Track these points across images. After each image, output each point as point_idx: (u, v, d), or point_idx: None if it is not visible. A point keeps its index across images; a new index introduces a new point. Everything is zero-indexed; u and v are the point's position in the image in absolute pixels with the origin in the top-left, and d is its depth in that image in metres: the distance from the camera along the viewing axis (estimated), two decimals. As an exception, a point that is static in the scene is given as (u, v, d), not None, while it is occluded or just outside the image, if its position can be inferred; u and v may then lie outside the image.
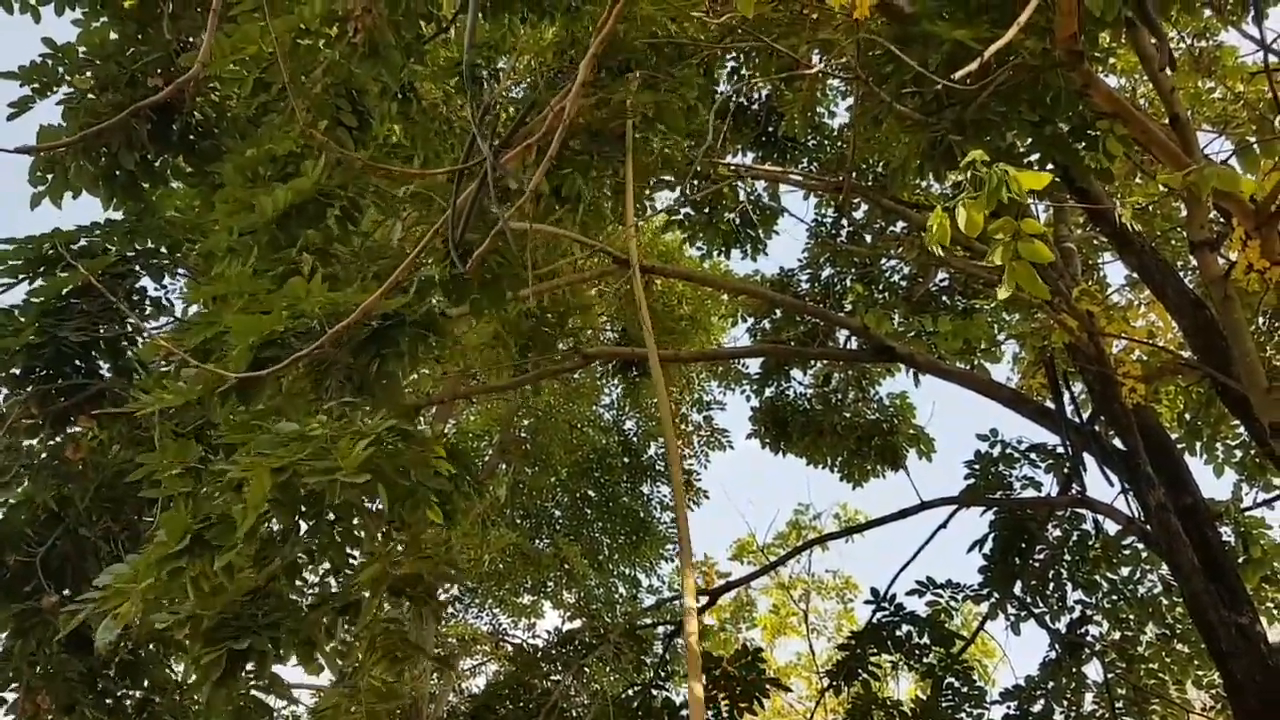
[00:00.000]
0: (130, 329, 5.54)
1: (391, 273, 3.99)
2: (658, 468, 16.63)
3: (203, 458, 4.15)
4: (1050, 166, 5.81)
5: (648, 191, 9.08)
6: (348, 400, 3.82)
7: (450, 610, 17.39)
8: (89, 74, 6.00)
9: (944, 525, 9.54)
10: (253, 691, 3.97)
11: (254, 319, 3.61)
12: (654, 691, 9.16)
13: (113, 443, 5.82)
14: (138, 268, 5.80)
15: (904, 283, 11.98)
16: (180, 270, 5.95)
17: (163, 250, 5.92)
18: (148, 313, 5.79)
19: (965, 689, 9.22)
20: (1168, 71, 5.71)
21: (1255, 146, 5.09)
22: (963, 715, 9.12)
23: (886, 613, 9.56)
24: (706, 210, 10.58)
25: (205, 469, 4.02)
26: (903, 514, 9.33)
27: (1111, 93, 5.00)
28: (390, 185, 4.56)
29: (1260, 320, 8.24)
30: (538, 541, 16.50)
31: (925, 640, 9.37)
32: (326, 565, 4.37)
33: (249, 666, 3.67)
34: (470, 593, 17.04)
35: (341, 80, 5.03)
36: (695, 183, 8.69)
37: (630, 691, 9.31)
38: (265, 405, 3.88)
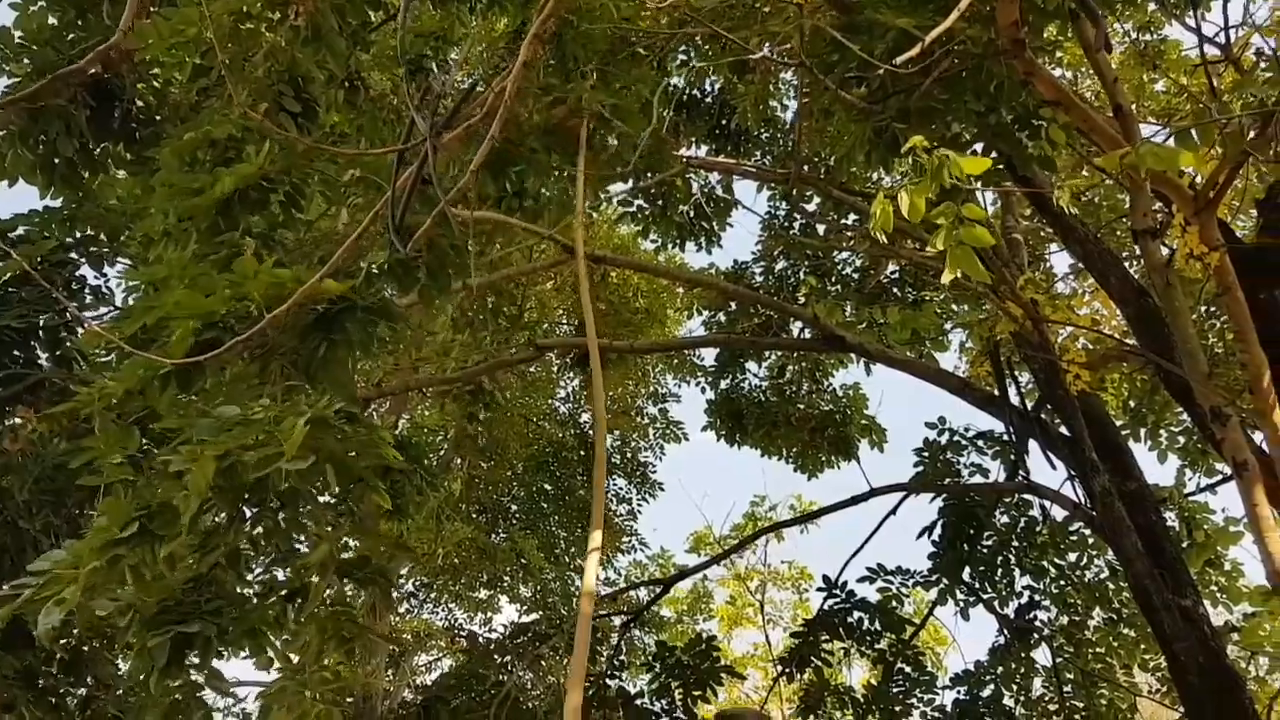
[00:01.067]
0: (70, 318, 5.43)
1: (336, 262, 3.95)
2: (613, 460, 16.63)
3: (145, 448, 4.08)
4: (994, 156, 5.89)
5: (602, 185, 9.09)
6: (293, 384, 3.77)
7: (405, 606, 17.28)
8: (26, 60, 5.88)
9: (893, 512, 9.66)
10: (194, 678, 3.91)
11: (195, 298, 3.55)
12: (608, 681, 9.17)
13: (53, 435, 5.71)
14: (76, 256, 5.69)
15: (855, 275, 12.10)
16: (120, 259, 5.85)
17: (102, 238, 5.81)
18: (87, 301, 5.69)
19: (916, 674, 9.35)
20: (1105, 54, 5.80)
21: (1194, 134, 5.18)
22: (913, 700, 9.24)
23: (838, 600, 9.66)
24: (660, 202, 10.61)
25: (147, 459, 3.96)
26: (854, 500, 9.42)
27: (1054, 81, 5.07)
28: (336, 172, 4.50)
29: (1201, 308, 8.41)
30: (494, 536, 16.42)
31: (876, 626, 9.48)
32: (272, 554, 4.33)
33: (193, 656, 3.62)
34: (425, 588, 16.94)
35: (284, 66, 4.96)
36: (649, 174, 8.68)
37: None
38: (208, 391, 3.83)
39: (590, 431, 16.77)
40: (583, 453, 16.43)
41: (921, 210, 4.07)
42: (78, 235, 5.82)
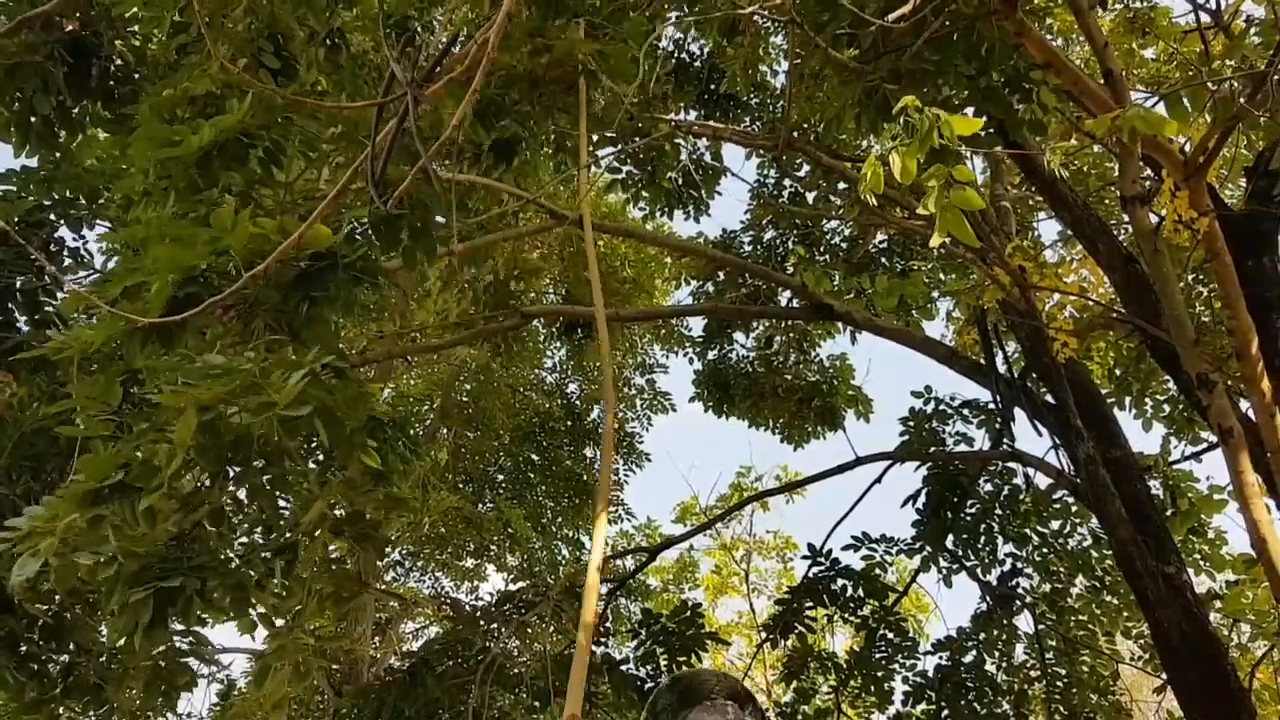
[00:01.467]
0: (49, 280, 5.35)
1: (318, 216, 3.88)
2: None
3: (125, 408, 4.03)
4: (984, 120, 5.85)
5: (590, 148, 9.01)
6: (276, 339, 3.72)
7: (391, 574, 17.29)
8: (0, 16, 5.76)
9: (878, 480, 9.69)
10: (178, 643, 3.88)
11: (175, 252, 3.49)
12: (594, 648, 9.19)
13: (33, 399, 5.64)
14: (55, 217, 5.59)
15: (844, 244, 12.08)
16: (99, 222, 5.76)
17: (81, 200, 5.71)
18: (66, 264, 5.60)
19: (898, 640, 9.40)
20: (1096, 19, 5.76)
21: (1184, 99, 5.15)
22: (895, 666, 9.30)
23: (823, 568, 9.69)
24: (649, 169, 10.53)
25: (127, 418, 3.91)
26: (840, 469, 9.42)
27: (1045, 42, 5.03)
28: (317, 128, 4.43)
29: (1189, 277, 8.41)
30: (480, 505, 16.43)
31: (860, 594, 9.52)
32: (257, 514, 4.29)
33: (177, 620, 3.58)
34: (412, 556, 16.95)
35: (264, 22, 4.88)
36: (637, 138, 8.61)
37: (570, 649, 9.33)
38: (188, 348, 3.77)
39: (577, 403, 16.77)
40: (569, 423, 16.42)
41: (912, 172, 4.03)
42: (55, 196, 5.71)
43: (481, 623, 9.56)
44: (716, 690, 2.56)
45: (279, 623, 3.99)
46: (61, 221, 5.66)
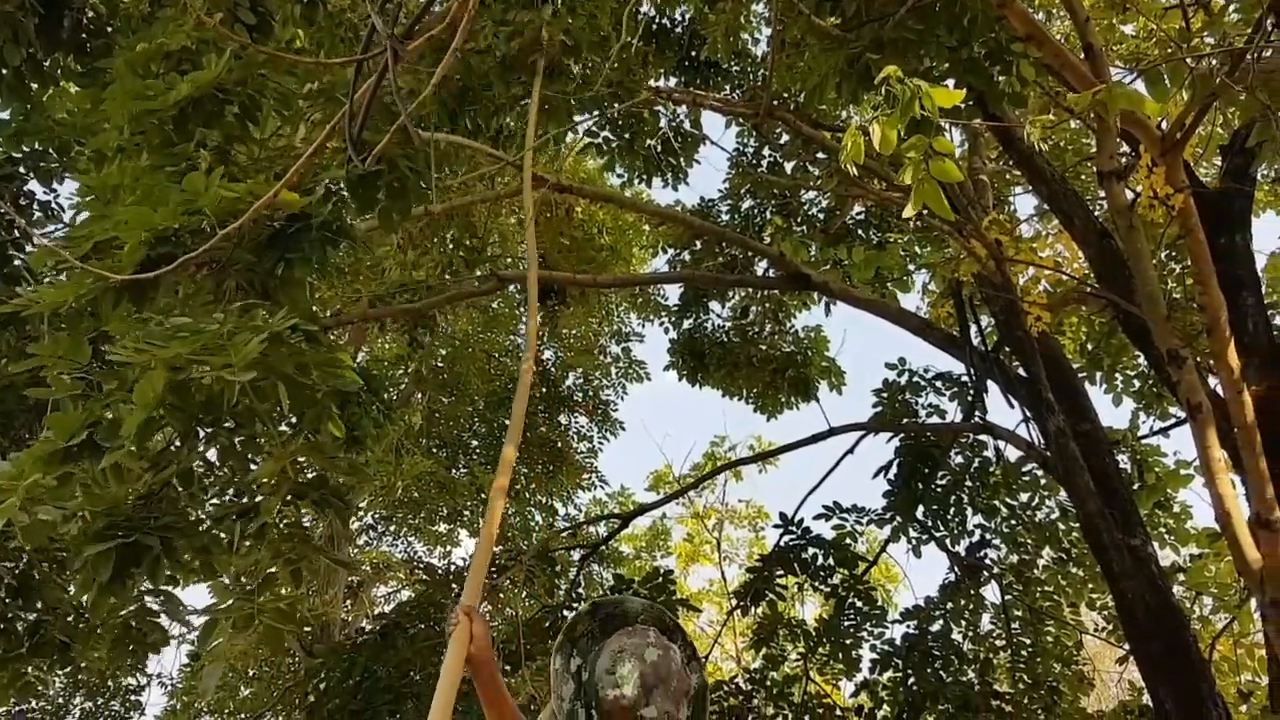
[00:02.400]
0: (18, 233, 5.26)
1: (295, 175, 3.84)
2: (575, 398, 16.64)
3: (95, 366, 3.98)
4: (965, 92, 5.84)
5: (567, 116, 8.94)
6: (249, 302, 3.69)
7: (364, 538, 17.28)
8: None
9: (851, 451, 9.74)
10: (149, 603, 3.87)
11: (147, 211, 3.44)
12: (565, 614, 9.24)
13: (1, 355, 5.57)
14: (24, 170, 5.49)
15: (821, 215, 12.08)
16: (70, 176, 5.66)
17: (51, 153, 5.61)
18: (35, 218, 5.51)
19: (867, 609, 9.50)
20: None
21: (1164, 76, 5.16)
22: (864, 634, 9.41)
23: (794, 537, 9.76)
24: (627, 135, 10.47)
25: (97, 376, 3.87)
26: (813, 439, 9.48)
27: (1027, 15, 5.01)
28: (294, 85, 4.37)
29: (1162, 254, 8.48)
30: (454, 470, 16.40)
31: (830, 563, 9.61)
32: (226, 476, 4.26)
33: (141, 578, 3.56)
34: (385, 520, 16.94)
35: (241, -25, 4.78)
36: (615, 104, 8.54)
37: (542, 613, 9.39)
38: (160, 307, 3.73)
39: (552, 369, 16.73)
40: (544, 389, 16.39)
41: (893, 142, 4.03)
42: (25, 150, 5.61)
43: (454, 586, 9.58)
44: (642, 618, 2.51)
45: (234, 584, 3.97)
46: (32, 175, 5.55)
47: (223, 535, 3.86)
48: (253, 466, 4.11)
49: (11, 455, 3.44)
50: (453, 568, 10.82)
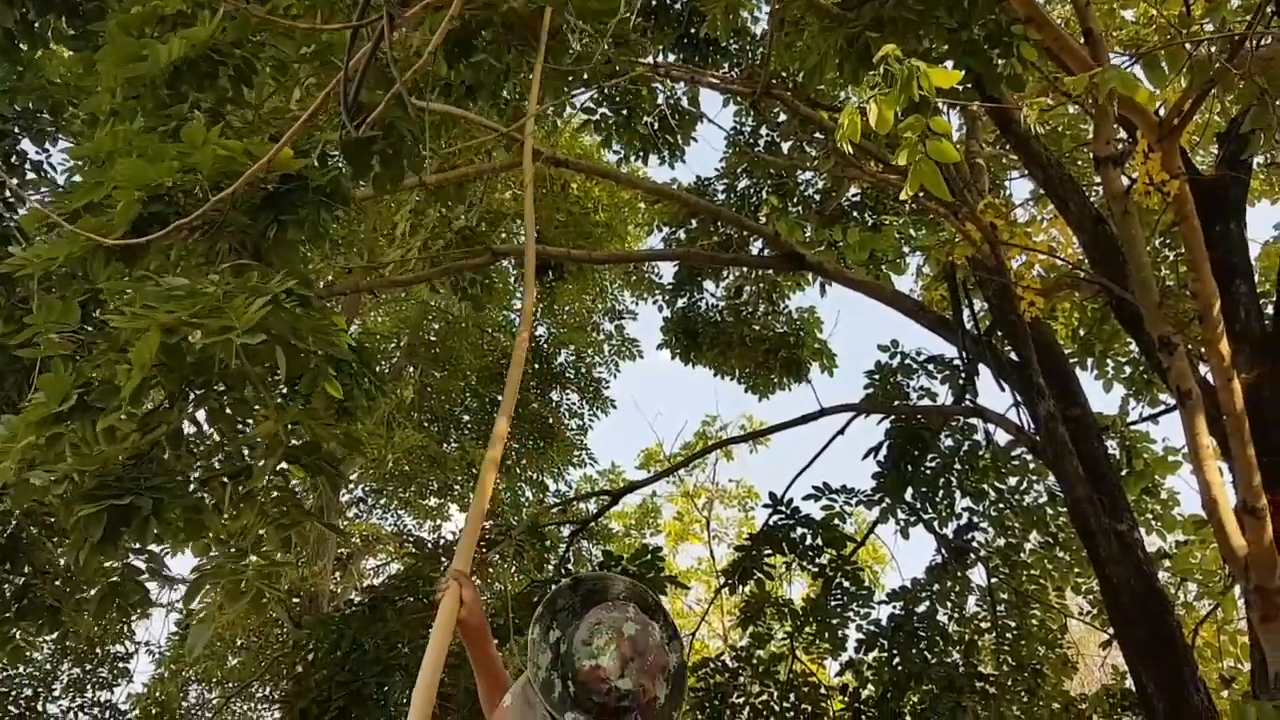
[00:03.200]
0: (9, 194, 5.23)
1: (289, 138, 3.81)
2: (567, 375, 16.64)
3: (87, 329, 3.97)
4: (963, 74, 5.83)
5: (563, 88, 8.89)
6: (243, 263, 3.67)
7: (354, 510, 17.30)
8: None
9: (841, 431, 9.76)
10: (134, 562, 3.86)
11: (141, 167, 3.42)
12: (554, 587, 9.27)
13: (-9, 314, 5.54)
14: (17, 130, 5.46)
15: (817, 196, 12.07)
16: (63, 137, 5.63)
17: (44, 115, 5.58)
18: (28, 178, 5.48)
19: (854, 589, 9.56)
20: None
21: (1162, 62, 5.15)
22: (850, 614, 9.46)
23: (783, 515, 9.79)
24: (624, 112, 10.42)
25: (88, 338, 3.85)
26: (804, 419, 9.50)
27: (1027, -5, 4.99)
28: (291, 49, 4.33)
29: (1156, 241, 8.49)
30: (445, 445, 16.41)
31: (818, 543, 9.65)
32: (216, 439, 4.25)
33: (130, 538, 3.55)
34: (375, 493, 16.96)
35: (238, -64, 4.73)
36: (613, 79, 8.49)
37: (531, 587, 9.41)
38: (152, 269, 3.72)
39: (545, 345, 16.73)
40: (536, 365, 16.39)
41: (890, 121, 4.02)
42: (18, 109, 5.56)
43: (443, 560, 9.60)
44: (623, 595, 2.51)
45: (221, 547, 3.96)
46: (24, 135, 5.52)
47: (210, 498, 3.87)
48: (243, 431, 4.11)
49: (2, 417, 3.43)
50: (442, 542, 10.82)
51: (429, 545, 11.37)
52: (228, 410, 3.80)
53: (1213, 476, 5.13)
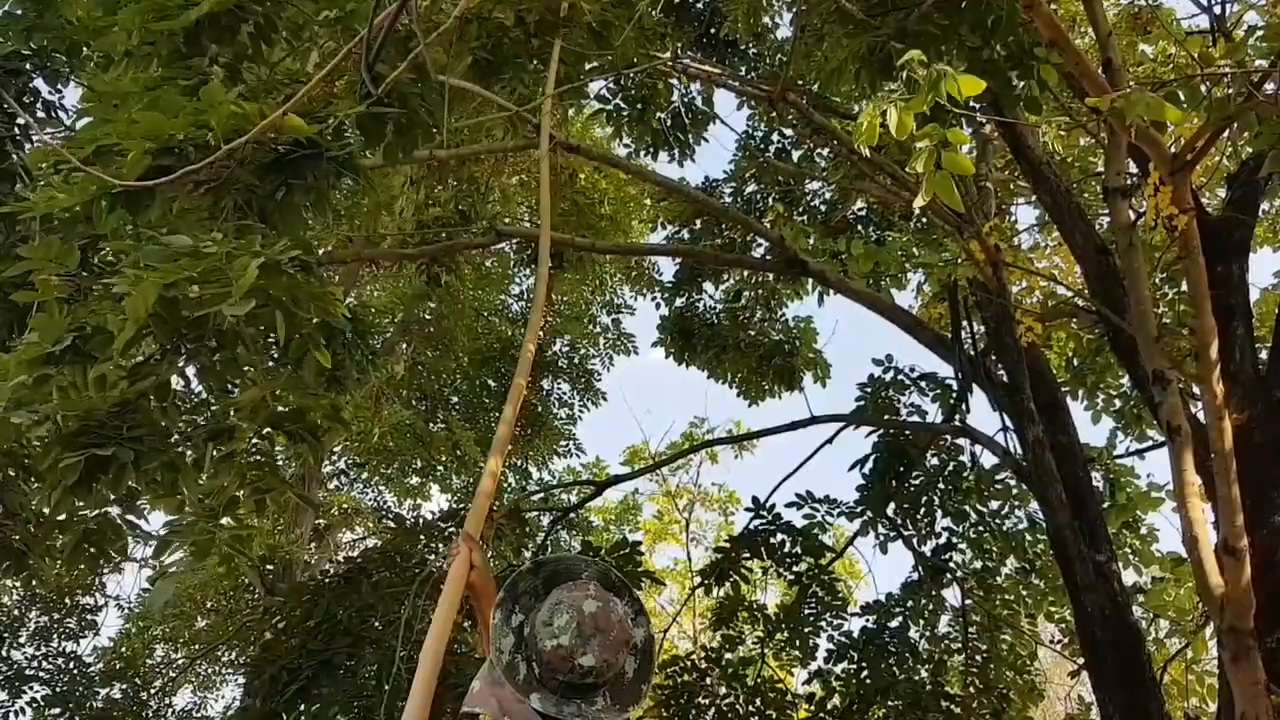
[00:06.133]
0: (18, 130, 5.18)
1: (304, 101, 3.79)
2: (559, 364, 16.61)
3: (85, 273, 3.94)
4: (985, 85, 5.83)
5: (580, 80, 8.85)
6: (245, 224, 3.65)
7: (335, 482, 17.25)
8: None
9: (829, 441, 9.77)
10: (112, 512, 3.83)
11: (154, 118, 3.39)
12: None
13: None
14: (31, 68, 5.40)
15: (823, 207, 12.08)
16: (76, 80, 5.57)
17: (59, 55, 5.52)
18: (39, 117, 5.42)
19: (829, 599, 9.57)
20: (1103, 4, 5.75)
21: (1181, 97, 5.16)
22: (823, 624, 9.47)
23: (764, 521, 9.79)
24: (639, 106, 10.40)
25: (86, 282, 3.82)
26: (793, 426, 9.51)
27: (1053, 19, 4.99)
28: (310, 9, 4.31)
29: (1157, 277, 8.51)
30: (432, 424, 16.36)
31: (797, 550, 9.66)
32: (203, 395, 4.23)
33: (106, 487, 3.51)
34: (358, 467, 16.91)
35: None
36: (629, 70, 8.47)
37: (506, 571, 9.39)
38: (156, 219, 3.69)
39: (541, 332, 16.68)
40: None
41: (909, 128, 4.03)
42: (34, 46, 5.50)
43: (422, 537, 9.58)
44: (585, 574, 2.49)
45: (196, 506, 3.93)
46: (38, 73, 5.46)
47: (190, 455, 3.84)
48: (231, 392, 4.08)
49: (-6, 355, 3.41)
50: (421, 520, 10.78)
51: (409, 522, 11.32)
52: (218, 367, 3.77)
53: (1196, 514, 5.14)
